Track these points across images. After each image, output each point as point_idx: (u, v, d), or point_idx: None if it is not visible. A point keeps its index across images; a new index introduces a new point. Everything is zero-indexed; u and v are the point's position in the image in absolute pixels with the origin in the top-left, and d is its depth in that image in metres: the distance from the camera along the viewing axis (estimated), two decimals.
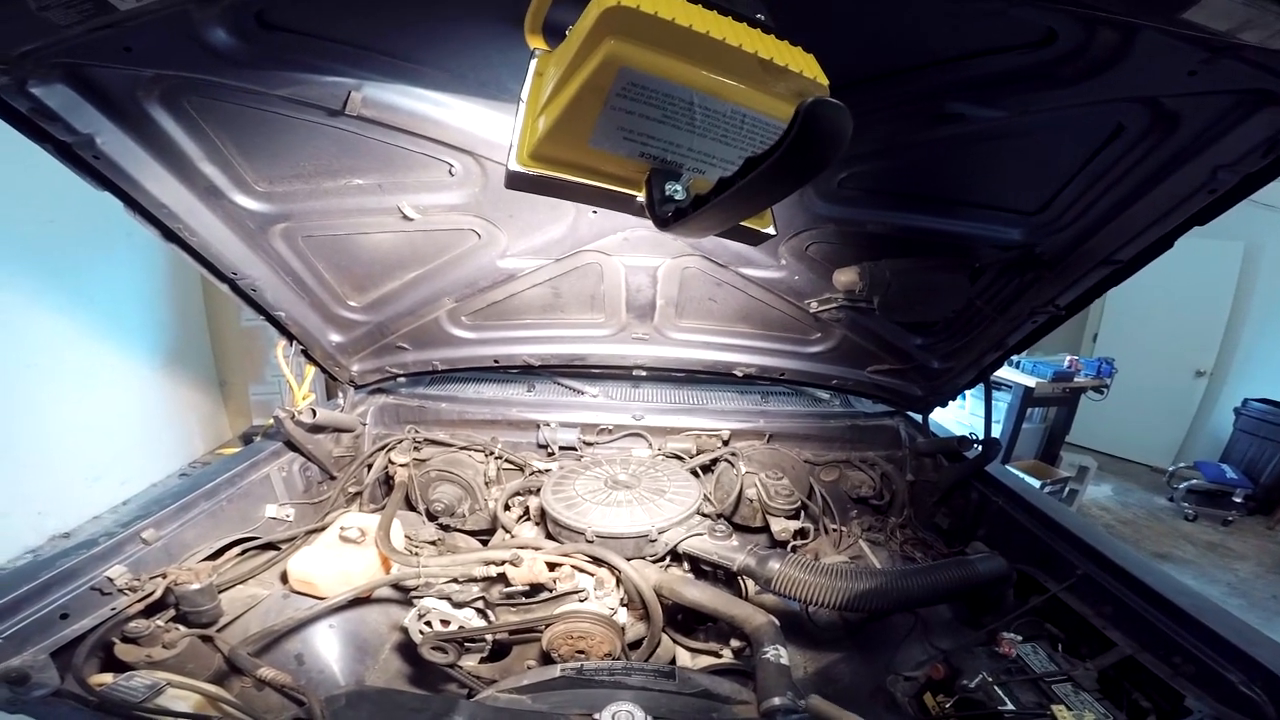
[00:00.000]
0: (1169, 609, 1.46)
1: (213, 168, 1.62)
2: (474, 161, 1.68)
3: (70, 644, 1.36)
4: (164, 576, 1.55)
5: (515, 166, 0.99)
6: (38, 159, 1.40)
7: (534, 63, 1.06)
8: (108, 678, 1.27)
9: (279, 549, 1.93)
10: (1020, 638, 1.54)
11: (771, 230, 1.18)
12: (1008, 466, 2.50)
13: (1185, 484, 6.11)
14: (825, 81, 0.89)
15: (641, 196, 0.99)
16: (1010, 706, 1.33)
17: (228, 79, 1.35)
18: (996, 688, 1.38)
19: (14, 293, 4.22)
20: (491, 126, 1.58)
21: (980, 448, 2.24)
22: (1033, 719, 1.30)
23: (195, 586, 1.54)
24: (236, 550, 1.82)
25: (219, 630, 1.57)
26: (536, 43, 1.08)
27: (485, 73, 1.43)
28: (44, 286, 4.44)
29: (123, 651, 1.41)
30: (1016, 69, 1.28)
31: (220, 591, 1.65)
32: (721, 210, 0.79)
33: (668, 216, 0.90)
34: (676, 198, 0.93)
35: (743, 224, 1.11)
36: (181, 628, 1.49)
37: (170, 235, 1.69)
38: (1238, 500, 5.83)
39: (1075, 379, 5.74)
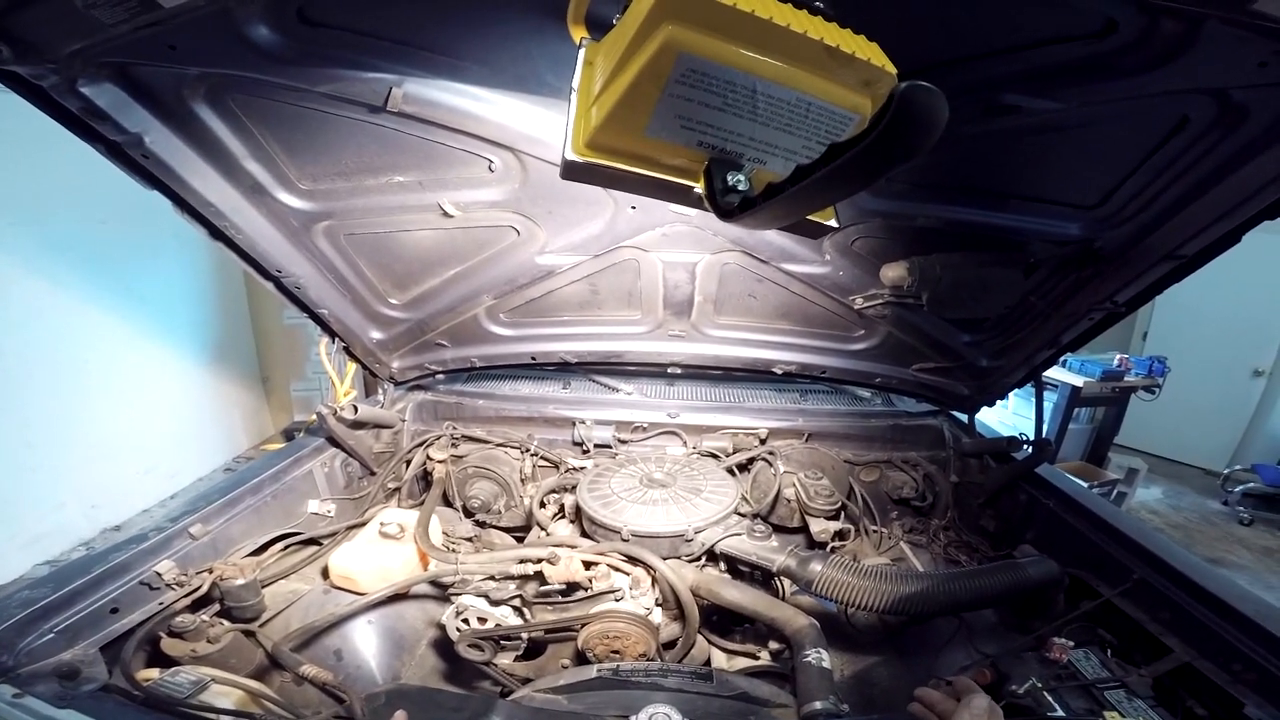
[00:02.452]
0: (1230, 614, 1.39)
1: (257, 165, 1.63)
2: (513, 157, 1.68)
3: (119, 638, 1.38)
4: (210, 571, 1.58)
5: (571, 156, 0.97)
6: (89, 160, 1.43)
7: (583, 52, 1.04)
8: (154, 673, 1.29)
9: (320, 544, 1.95)
10: (1072, 643, 1.48)
11: (834, 223, 1.14)
12: (1055, 468, 2.41)
13: (1241, 487, 5.89)
14: (893, 70, 0.86)
15: (699, 187, 0.97)
16: (1060, 713, 1.28)
17: (270, 76, 1.35)
18: (1046, 694, 1.33)
19: (69, 292, 4.37)
20: (531, 121, 1.57)
21: (1030, 448, 2.16)
22: None
23: (240, 582, 1.57)
24: (280, 545, 1.85)
25: (261, 625, 1.59)
26: (580, 33, 1.06)
27: (524, 67, 1.42)
28: (97, 286, 4.60)
29: (168, 646, 1.43)
30: (1075, 60, 1.22)
31: (263, 586, 1.68)
32: (797, 200, 0.76)
33: (732, 207, 0.88)
34: (740, 188, 0.90)
35: (808, 217, 1.08)
36: (225, 623, 1.51)
37: (217, 233, 1.71)
38: None
39: (1125, 378, 5.53)
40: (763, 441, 2.46)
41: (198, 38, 1.21)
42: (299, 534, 1.91)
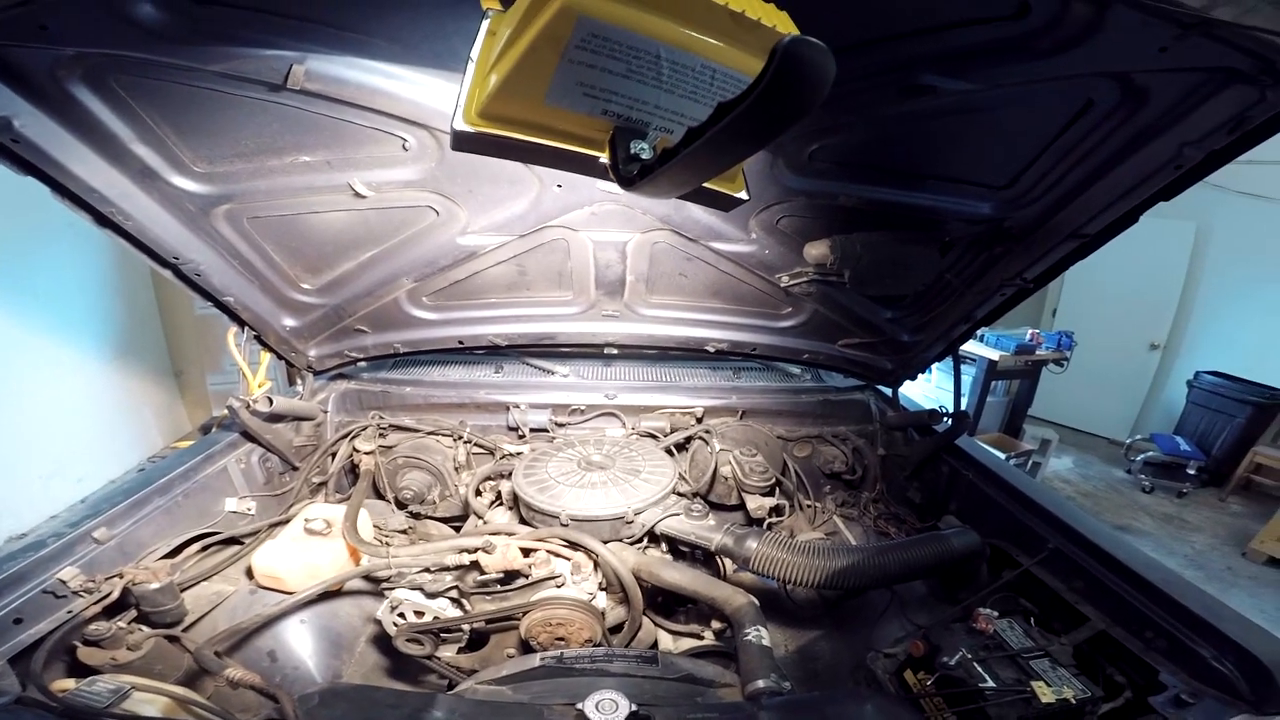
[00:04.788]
0: (1139, 583, 1.48)
1: (146, 149, 1.53)
2: (429, 135, 1.61)
3: (28, 650, 1.31)
4: (120, 576, 1.50)
5: (461, 126, 0.94)
6: None
7: (486, 22, 1.00)
8: (70, 683, 1.22)
9: (242, 544, 1.87)
10: (996, 613, 1.56)
11: (744, 195, 1.14)
12: (975, 440, 2.54)
13: (1142, 456, 6.29)
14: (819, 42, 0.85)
15: (605, 157, 0.95)
16: (991, 683, 1.34)
17: (157, 56, 1.26)
18: (976, 664, 1.39)
19: None
20: (446, 98, 1.50)
21: (950, 421, 2.26)
22: (1013, 695, 1.31)
23: (154, 586, 1.49)
24: (197, 547, 1.76)
25: (185, 630, 1.53)
26: (491, 3, 1.02)
27: (439, 43, 1.36)
28: None
29: (86, 655, 1.37)
30: (989, 41, 1.26)
31: (183, 590, 1.61)
32: (690, 165, 0.75)
33: (633, 175, 0.86)
34: (643, 157, 0.88)
35: (714, 188, 1.08)
36: (145, 629, 1.45)
37: (103, 220, 1.60)
38: (1191, 472, 6.00)
39: (1037, 352, 5.86)
40: (699, 420, 2.48)
41: (73, 17, 1.12)
42: (217, 534, 1.82)
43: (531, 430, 2.45)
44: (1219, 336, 6.70)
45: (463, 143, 0.96)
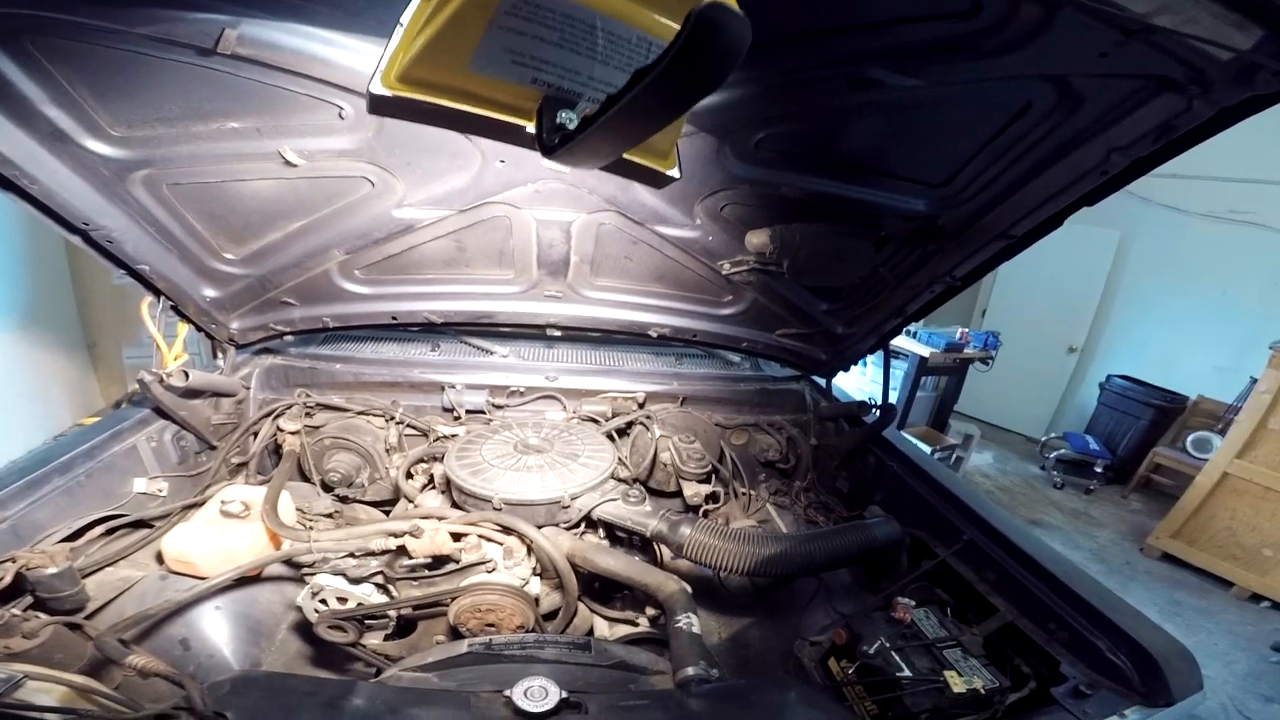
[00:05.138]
0: (1044, 576, 1.55)
1: (58, 110, 1.42)
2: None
3: None
4: (13, 561, 1.40)
5: (378, 89, 0.91)
6: None
7: None
8: None
9: (152, 527, 1.77)
10: (914, 603, 1.62)
11: (675, 173, 1.14)
12: (903, 433, 2.63)
13: (1054, 454, 6.61)
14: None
15: (532, 127, 0.93)
16: (907, 673, 1.39)
17: (81, 17, 1.18)
18: (894, 654, 1.44)
19: None
20: None
21: (878, 413, 2.32)
22: (927, 685, 1.36)
23: (51, 570, 1.40)
24: (101, 530, 1.66)
25: (88, 617, 1.45)
26: None
27: (383, 10, 1.29)
28: None
29: None
30: (939, 38, 1.29)
31: (86, 575, 1.52)
32: (609, 132, 0.73)
33: (554, 144, 0.84)
34: (568, 126, 0.86)
35: (645, 163, 1.06)
36: (42, 615, 1.35)
37: (5, 184, 1.49)
38: (1098, 470, 6.34)
39: (965, 350, 6.11)
40: (641, 405, 2.48)
41: None
42: (124, 516, 1.72)
43: (468, 412, 2.40)
44: (1131, 342, 7.11)
45: (379, 106, 0.93)
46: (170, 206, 1.78)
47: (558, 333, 2.53)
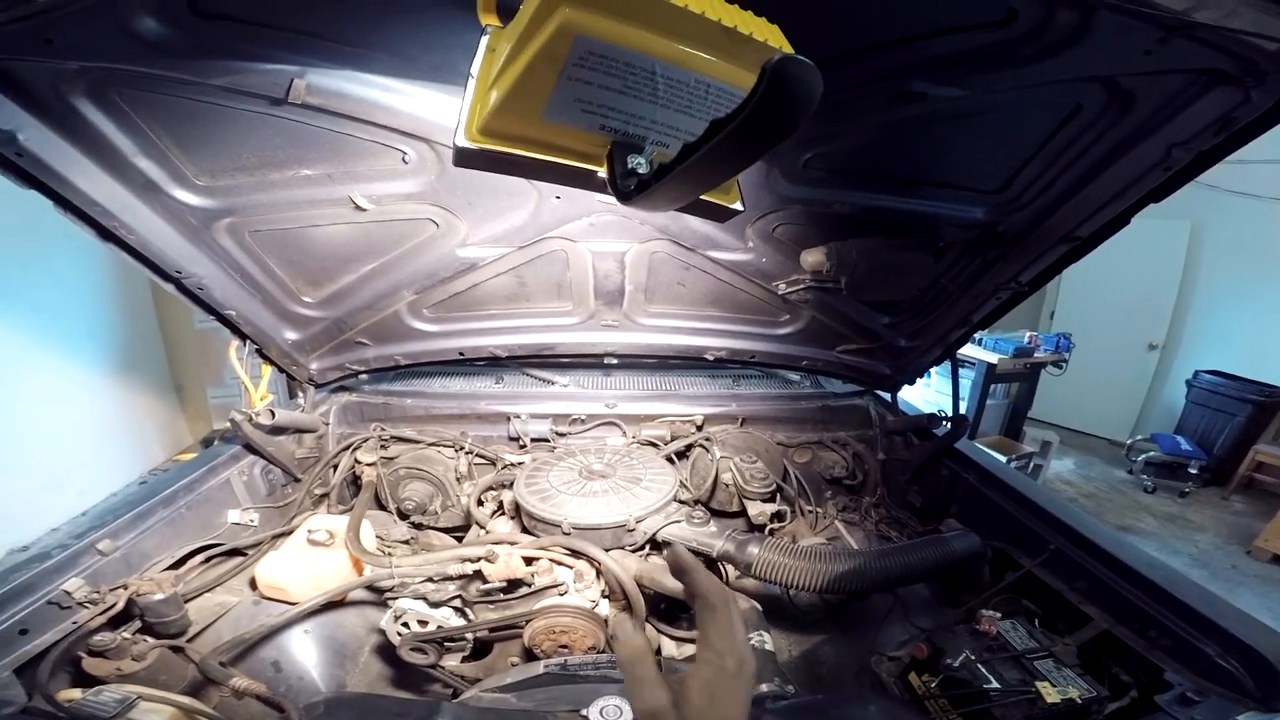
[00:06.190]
0: (1141, 583, 1.48)
1: (148, 162, 1.53)
2: (428, 148, 1.63)
3: (34, 660, 1.31)
4: (125, 588, 1.50)
5: (463, 142, 0.95)
6: None
7: (485, 39, 1.02)
8: (76, 693, 1.22)
9: (245, 555, 1.88)
10: (999, 615, 1.56)
11: (739, 206, 1.16)
12: (975, 443, 2.55)
13: (1143, 456, 6.29)
14: (790, 50, 0.86)
15: (603, 172, 0.96)
16: (995, 684, 1.34)
17: (160, 70, 1.27)
18: (980, 666, 1.39)
19: None
20: (445, 112, 1.52)
21: (949, 424, 2.26)
22: (1018, 696, 1.31)
23: (159, 596, 1.49)
24: (200, 558, 1.77)
25: (189, 640, 1.53)
26: (490, 19, 1.03)
27: (438, 56, 1.38)
28: None
29: (91, 665, 1.37)
30: (978, 48, 1.28)
31: (186, 601, 1.61)
32: (686, 179, 0.76)
33: (630, 190, 0.87)
34: (639, 171, 0.89)
35: (710, 199, 1.09)
36: (150, 639, 1.45)
37: (107, 234, 1.60)
38: (1193, 471, 6.00)
39: (1035, 354, 5.88)
40: (699, 428, 2.49)
41: (77, 31, 1.12)
42: (220, 545, 1.82)
43: (532, 440, 2.46)
44: (1217, 335, 6.72)
45: (465, 159, 0.97)
46: (253, 253, 1.90)
47: (614, 360, 2.57)
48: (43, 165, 1.37)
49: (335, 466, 2.32)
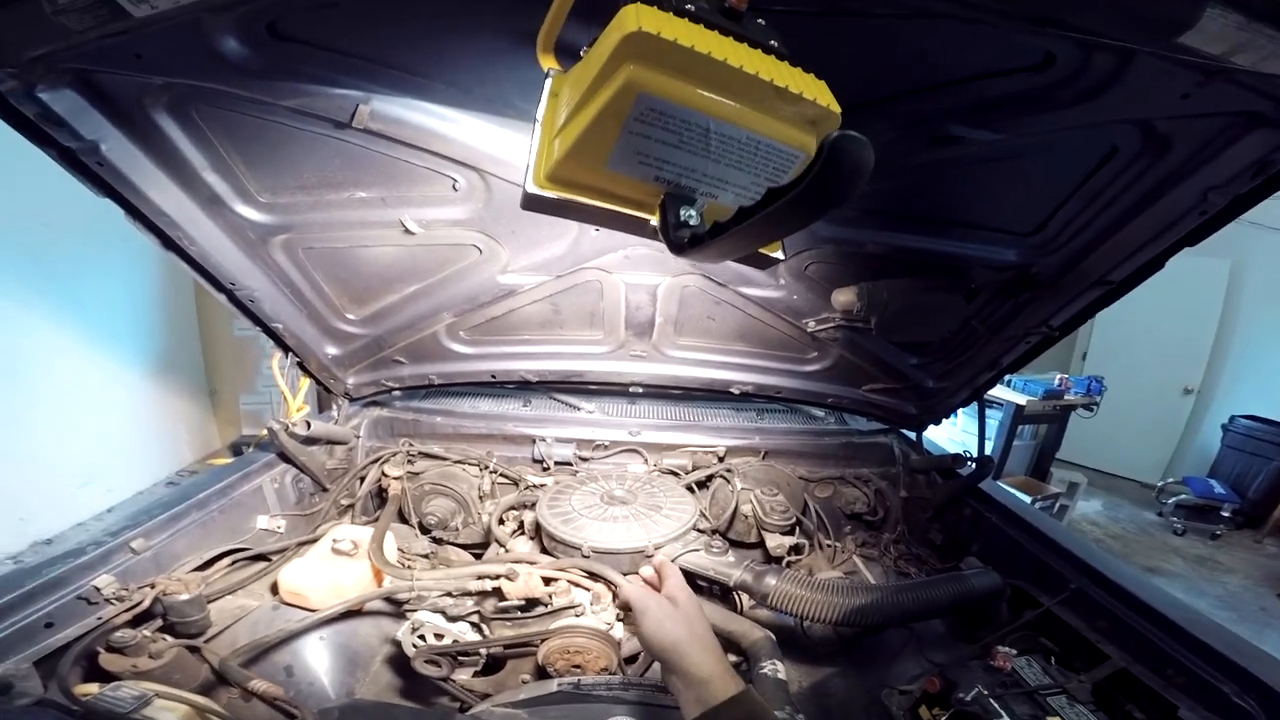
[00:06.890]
0: (1161, 622, 1.47)
1: (216, 177, 1.60)
2: (478, 177, 1.69)
3: (55, 653, 1.34)
4: (152, 586, 1.53)
5: (533, 189, 0.99)
6: (37, 161, 1.37)
7: (549, 83, 1.07)
8: (93, 688, 1.24)
9: (270, 560, 1.91)
10: (1015, 651, 1.54)
11: (780, 255, 1.19)
12: (999, 483, 2.52)
13: (1174, 499, 6.16)
14: (837, 109, 0.90)
15: (654, 220, 1.00)
16: (1005, 719, 1.32)
17: (236, 88, 1.34)
18: (992, 700, 1.37)
19: (6, 297, 4.19)
20: (496, 142, 1.58)
21: (974, 465, 2.25)
22: None
23: (184, 597, 1.52)
24: (227, 561, 1.80)
25: (207, 641, 1.55)
26: (549, 62, 1.08)
27: (492, 89, 1.44)
28: (37, 291, 4.41)
29: (107, 661, 1.38)
30: (1015, 92, 1.30)
31: (209, 602, 1.63)
32: (740, 239, 0.79)
33: (683, 242, 0.91)
34: (691, 223, 0.93)
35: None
36: (169, 638, 1.46)
37: (169, 244, 1.67)
38: (1226, 514, 5.89)
39: (1065, 397, 5.78)
40: (721, 459, 2.49)
41: (165, 47, 1.19)
42: (247, 549, 1.86)
43: (556, 463, 2.48)
44: (1256, 379, 6.57)
45: (533, 204, 1.01)
46: (304, 269, 1.96)
47: (640, 390, 2.60)
48: (120, 176, 1.43)
49: (362, 478, 2.36)
